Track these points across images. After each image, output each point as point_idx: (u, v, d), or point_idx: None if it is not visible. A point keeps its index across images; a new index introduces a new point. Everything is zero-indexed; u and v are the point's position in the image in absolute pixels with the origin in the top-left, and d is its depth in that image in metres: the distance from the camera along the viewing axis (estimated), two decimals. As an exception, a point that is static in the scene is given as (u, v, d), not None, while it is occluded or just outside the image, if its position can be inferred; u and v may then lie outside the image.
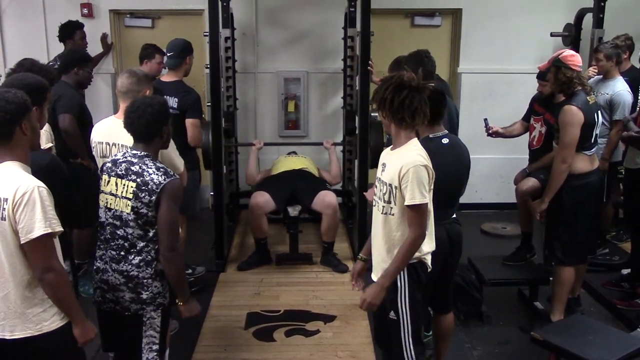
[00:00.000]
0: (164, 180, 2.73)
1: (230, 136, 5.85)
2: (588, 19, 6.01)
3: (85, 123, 4.39)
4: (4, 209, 2.26)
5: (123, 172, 2.78)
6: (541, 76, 4.63)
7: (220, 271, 5.06)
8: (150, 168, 2.76)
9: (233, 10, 5.79)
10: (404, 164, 2.73)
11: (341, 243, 5.56)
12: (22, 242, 2.27)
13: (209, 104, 5.03)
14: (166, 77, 4.66)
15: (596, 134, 4.02)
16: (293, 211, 5.16)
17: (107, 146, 3.28)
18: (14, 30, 6.35)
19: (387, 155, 2.93)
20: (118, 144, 3.23)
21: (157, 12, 6.53)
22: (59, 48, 5.86)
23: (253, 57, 6.48)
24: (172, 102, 4.43)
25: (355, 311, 4.40)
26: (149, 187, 2.72)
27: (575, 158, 3.92)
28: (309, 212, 5.28)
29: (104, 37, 6.21)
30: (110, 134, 3.31)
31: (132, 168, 2.77)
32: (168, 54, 4.66)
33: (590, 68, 5.11)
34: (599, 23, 5.68)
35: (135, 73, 3.36)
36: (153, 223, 2.76)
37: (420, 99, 2.73)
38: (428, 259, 2.93)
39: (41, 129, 2.94)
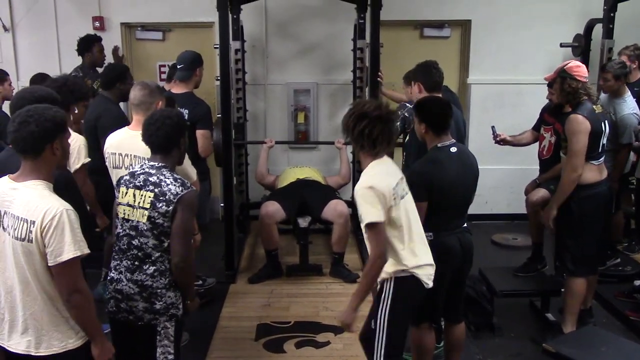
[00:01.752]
0: (181, 191, 2.77)
1: (240, 147, 5.89)
2: (598, 29, 6.00)
3: None
4: (30, 232, 2.26)
5: (141, 183, 2.83)
6: (552, 84, 4.64)
7: (231, 282, 5.06)
8: (168, 179, 2.80)
9: (243, 23, 5.83)
10: (356, 188, 2.86)
11: (351, 254, 5.55)
12: (50, 265, 2.28)
13: (219, 115, 5.06)
14: (176, 89, 4.69)
15: (603, 144, 4.00)
16: (303, 222, 5.16)
17: (120, 157, 3.31)
18: (27, 43, 6.42)
19: None
20: (131, 155, 3.27)
21: (167, 25, 6.58)
22: (71, 61, 5.93)
23: (263, 68, 6.51)
24: (183, 113, 4.46)
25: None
26: (167, 197, 2.76)
27: (583, 168, 3.91)
28: (319, 221, 5.28)
29: (115, 50, 6.27)
30: (123, 145, 3.34)
31: (150, 179, 2.81)
32: (178, 66, 4.70)
33: None
34: (608, 33, 5.67)
35: (147, 85, 3.40)
36: (168, 233, 2.79)
37: (382, 128, 2.83)
38: (421, 273, 2.94)
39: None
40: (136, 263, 2.82)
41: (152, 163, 2.87)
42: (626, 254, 5.46)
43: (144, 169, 2.87)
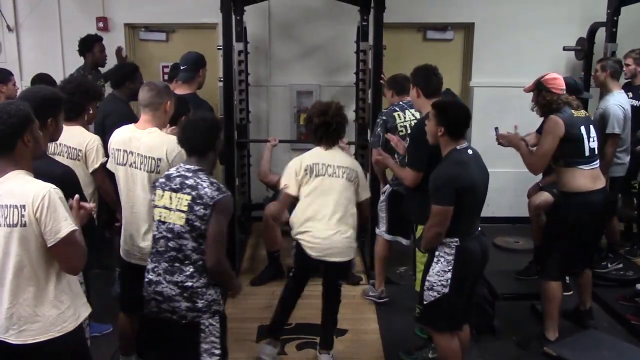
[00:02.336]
0: (217, 195, 2.85)
1: (243, 147, 5.90)
2: (601, 33, 6.00)
3: None
4: (22, 216, 2.29)
5: (178, 186, 2.90)
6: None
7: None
8: (205, 182, 2.87)
9: (246, 24, 5.84)
10: None
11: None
12: (50, 244, 2.32)
13: (222, 116, 5.06)
14: (179, 90, 4.68)
15: (592, 148, 3.93)
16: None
17: (125, 154, 3.31)
18: (31, 43, 6.44)
19: None
20: (135, 153, 3.28)
21: (171, 26, 6.59)
22: (75, 61, 5.93)
23: (266, 70, 6.52)
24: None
25: (367, 325, 4.39)
26: (204, 200, 2.83)
27: (572, 174, 3.89)
28: None
29: (118, 51, 6.28)
30: (127, 142, 3.35)
31: (187, 182, 2.88)
32: (181, 67, 4.71)
33: None
34: (611, 37, 5.66)
35: (155, 86, 3.41)
36: (205, 235, 2.86)
37: (324, 128, 3.72)
38: (302, 239, 3.80)
39: (56, 139, 3.03)
40: (175, 265, 2.90)
41: (188, 166, 2.94)
42: (628, 257, 5.46)
43: (179, 172, 2.93)
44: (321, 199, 3.67)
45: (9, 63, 6.15)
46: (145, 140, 3.27)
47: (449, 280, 3.23)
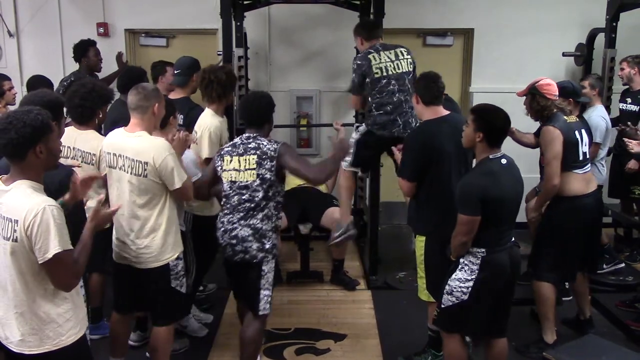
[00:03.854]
0: (276, 146, 3.44)
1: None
2: (600, 39, 6.02)
3: None
4: (15, 231, 2.28)
5: (242, 151, 3.47)
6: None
7: (231, 288, 5.05)
8: (264, 142, 3.47)
9: (246, 30, 5.85)
10: None
11: (352, 262, 5.56)
12: (40, 262, 2.30)
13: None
14: (174, 94, 4.67)
15: (584, 152, 4.01)
16: (304, 229, 5.17)
17: (115, 157, 3.33)
18: (31, 48, 6.46)
19: None
20: (124, 156, 3.29)
21: (171, 32, 6.61)
22: (75, 66, 5.95)
23: (266, 75, 6.54)
24: (179, 118, 4.47)
25: (366, 330, 4.39)
26: (268, 155, 3.42)
27: (567, 178, 3.92)
28: (318, 229, 5.28)
29: (119, 56, 6.29)
30: (116, 145, 3.36)
31: (250, 145, 3.47)
32: (175, 72, 4.70)
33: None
34: (611, 43, 5.69)
35: (143, 89, 3.42)
36: (272, 184, 3.44)
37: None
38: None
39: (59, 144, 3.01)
40: (249, 213, 3.44)
41: (247, 135, 3.52)
42: (628, 263, 5.46)
43: (242, 140, 3.52)
44: None
45: (9, 68, 6.18)
46: (133, 144, 3.28)
47: (470, 289, 3.21)
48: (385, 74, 4.37)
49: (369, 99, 4.38)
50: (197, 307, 4.57)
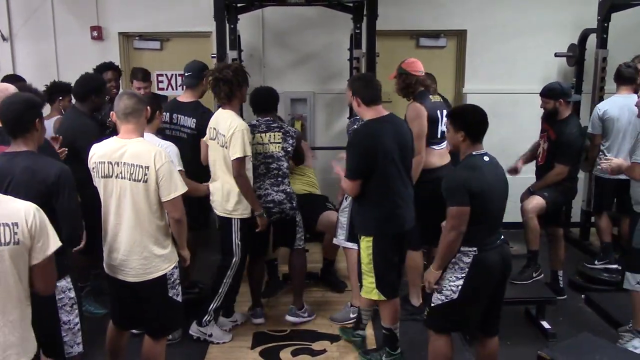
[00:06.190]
0: (295, 130, 4.50)
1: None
2: (592, 39, 6.07)
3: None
4: (15, 233, 2.24)
5: (265, 128, 4.31)
6: (543, 93, 4.71)
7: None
8: (284, 124, 4.55)
9: (240, 33, 5.86)
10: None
11: (343, 263, 5.55)
12: (37, 262, 2.31)
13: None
14: (183, 97, 4.65)
15: (442, 131, 4.24)
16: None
17: (110, 165, 3.20)
18: (25, 53, 6.46)
19: None
20: (121, 163, 3.17)
21: (165, 35, 6.63)
22: (69, 70, 5.93)
23: (260, 78, 6.54)
24: (190, 122, 4.47)
25: (362, 330, 4.39)
26: (290, 134, 4.38)
27: (427, 153, 4.19)
28: (313, 235, 5.29)
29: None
30: (110, 153, 3.23)
31: (273, 125, 4.34)
32: (186, 74, 4.67)
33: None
34: (602, 43, 5.74)
35: (134, 94, 3.42)
36: (289, 158, 4.40)
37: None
38: None
39: (41, 142, 3.07)
40: (278, 179, 4.31)
41: (266, 118, 4.35)
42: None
43: (260, 122, 4.33)
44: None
45: (3, 72, 6.13)
46: (131, 149, 3.18)
47: (459, 287, 3.23)
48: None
49: None
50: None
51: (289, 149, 4.33)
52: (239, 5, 5.38)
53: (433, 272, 3.30)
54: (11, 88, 3.41)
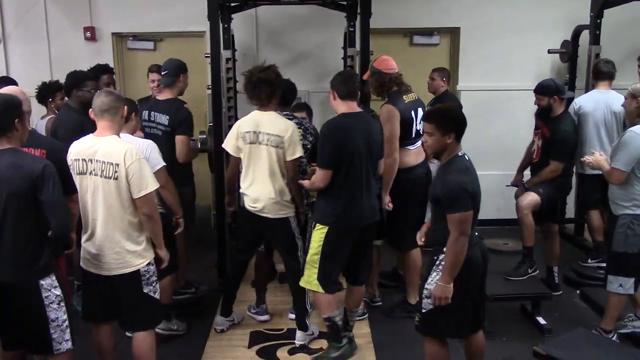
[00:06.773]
0: (315, 129, 4.41)
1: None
2: (585, 35, 6.09)
3: None
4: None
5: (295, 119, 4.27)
6: (537, 90, 4.72)
7: (223, 290, 5.05)
8: (303, 121, 4.45)
9: (234, 32, 5.85)
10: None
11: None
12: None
13: (211, 123, 5.08)
14: (161, 95, 4.68)
15: (417, 130, 4.25)
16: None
17: (84, 162, 3.23)
18: (18, 54, 6.45)
19: None
20: (94, 160, 3.21)
21: (159, 35, 6.62)
22: (62, 71, 5.87)
23: (254, 77, 6.53)
24: (164, 119, 4.47)
25: (358, 328, 4.40)
26: (310, 131, 4.35)
27: (401, 153, 4.21)
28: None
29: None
30: (86, 150, 3.26)
31: (294, 121, 4.18)
32: (163, 73, 4.69)
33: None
34: (595, 40, 5.76)
35: (111, 92, 3.47)
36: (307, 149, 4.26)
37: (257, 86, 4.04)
38: (246, 198, 4.13)
39: (24, 141, 3.18)
40: (298, 176, 4.03)
41: (285, 112, 4.20)
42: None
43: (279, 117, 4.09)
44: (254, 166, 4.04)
45: (-4, 73, 6.16)
46: (104, 147, 3.22)
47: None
48: None
49: None
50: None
51: (308, 146, 4.23)
52: (232, 4, 5.37)
53: (444, 287, 3.12)
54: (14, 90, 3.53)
